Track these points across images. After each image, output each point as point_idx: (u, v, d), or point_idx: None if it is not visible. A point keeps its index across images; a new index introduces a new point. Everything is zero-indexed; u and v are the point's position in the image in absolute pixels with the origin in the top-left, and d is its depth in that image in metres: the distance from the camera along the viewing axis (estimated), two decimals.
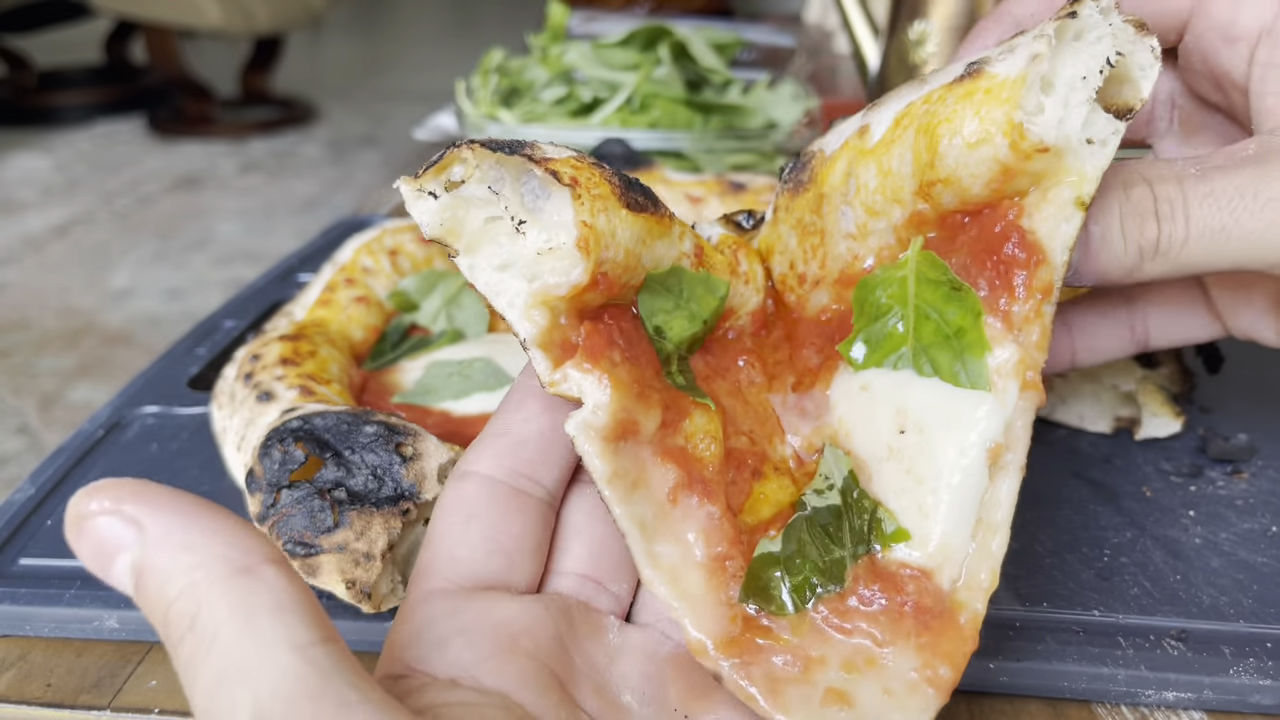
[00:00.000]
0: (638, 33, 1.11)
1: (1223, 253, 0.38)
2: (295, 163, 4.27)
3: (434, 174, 0.36)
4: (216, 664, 0.25)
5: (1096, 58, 0.37)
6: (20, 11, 4.81)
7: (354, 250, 0.72)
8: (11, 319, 2.81)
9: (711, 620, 0.35)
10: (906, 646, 0.34)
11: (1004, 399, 0.36)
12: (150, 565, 0.27)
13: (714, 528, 0.37)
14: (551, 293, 0.35)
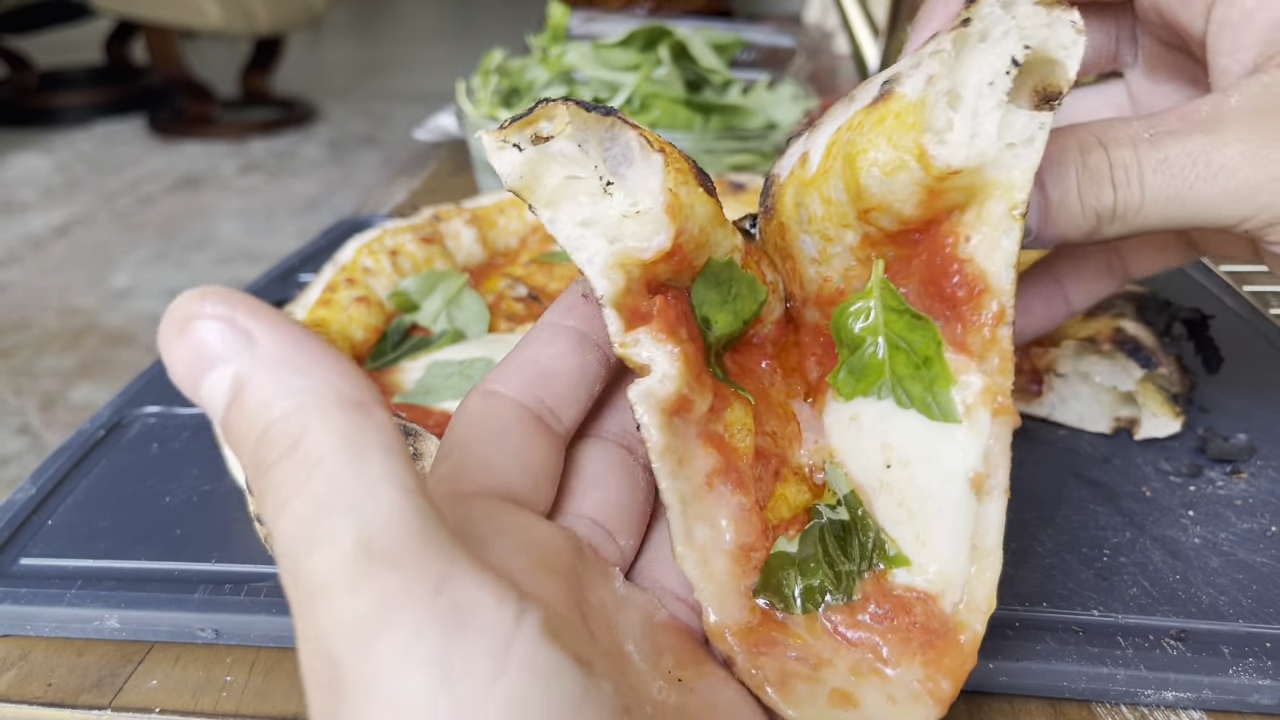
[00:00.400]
0: (638, 33, 1.11)
1: (1178, 217, 0.39)
2: (296, 163, 4.27)
3: (520, 127, 0.36)
4: (320, 490, 0.24)
5: (1001, 58, 0.35)
6: (21, 12, 4.81)
7: (355, 250, 0.72)
8: (12, 319, 2.81)
9: (732, 607, 0.36)
10: (912, 662, 0.35)
11: (977, 428, 0.36)
12: (256, 381, 0.25)
13: (744, 518, 0.38)
14: (632, 255, 0.36)
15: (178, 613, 0.46)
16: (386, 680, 0.23)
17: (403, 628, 0.23)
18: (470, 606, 0.24)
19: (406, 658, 0.23)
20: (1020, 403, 0.63)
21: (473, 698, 0.23)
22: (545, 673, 0.24)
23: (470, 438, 0.35)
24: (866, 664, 0.36)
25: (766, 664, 0.35)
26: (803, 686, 0.35)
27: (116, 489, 0.56)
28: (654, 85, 1.06)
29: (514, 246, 0.85)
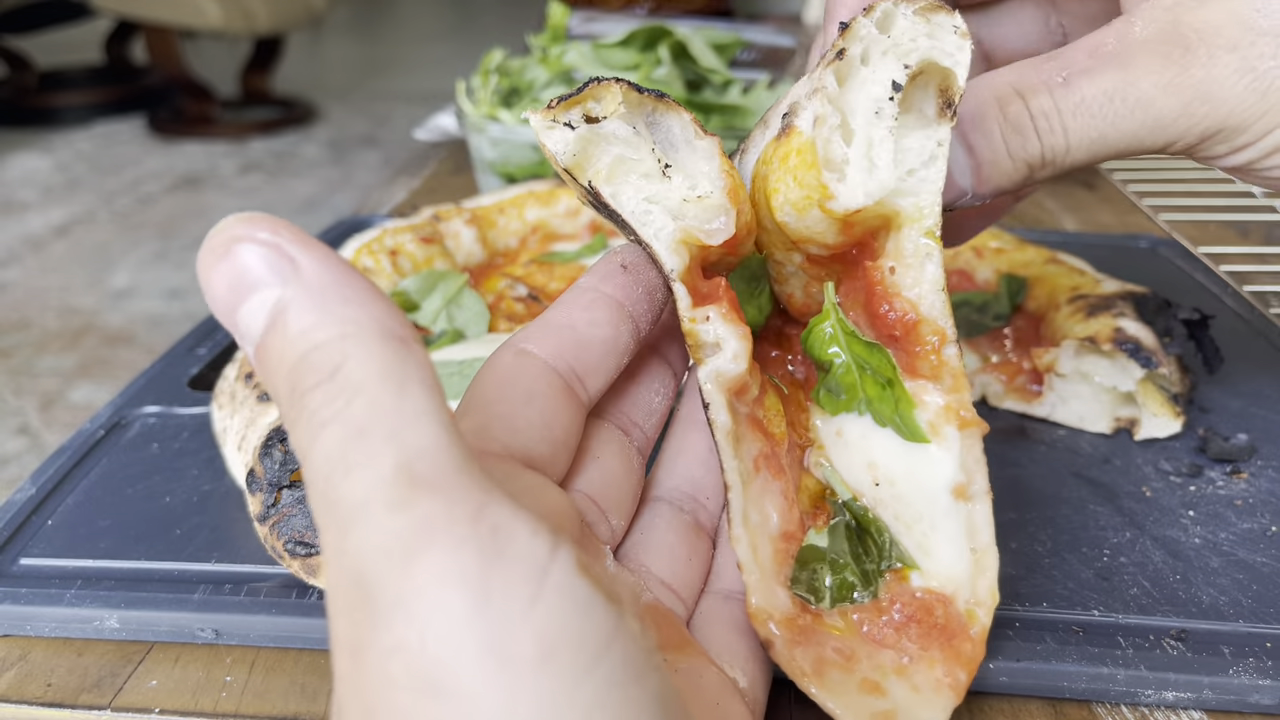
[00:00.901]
0: (638, 33, 1.11)
1: (1105, 152, 0.39)
2: (295, 163, 4.27)
3: (569, 106, 0.36)
4: (359, 417, 0.24)
5: (881, 84, 0.35)
6: (21, 12, 4.81)
7: (354, 250, 0.72)
8: (12, 319, 2.81)
9: (774, 594, 0.37)
10: (933, 657, 0.37)
11: (947, 444, 0.37)
12: (298, 307, 0.25)
13: (785, 505, 0.39)
14: (696, 236, 0.36)
15: (178, 613, 0.46)
16: (423, 599, 0.23)
17: (442, 549, 0.23)
18: (508, 533, 0.24)
19: (445, 577, 0.23)
20: (1020, 403, 0.63)
21: (510, 620, 0.23)
22: (580, 603, 0.24)
23: (497, 396, 0.35)
24: (893, 658, 0.37)
25: (803, 653, 0.36)
26: (836, 674, 0.36)
27: (116, 489, 0.56)
28: (654, 85, 1.06)
29: (514, 246, 0.85)
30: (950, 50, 0.34)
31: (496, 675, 0.22)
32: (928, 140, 0.35)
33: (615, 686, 0.23)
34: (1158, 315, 0.62)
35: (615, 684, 0.23)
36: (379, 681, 0.23)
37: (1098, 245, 0.91)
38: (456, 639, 0.22)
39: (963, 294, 0.74)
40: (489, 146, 1.07)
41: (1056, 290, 0.69)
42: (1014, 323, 0.70)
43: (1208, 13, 0.38)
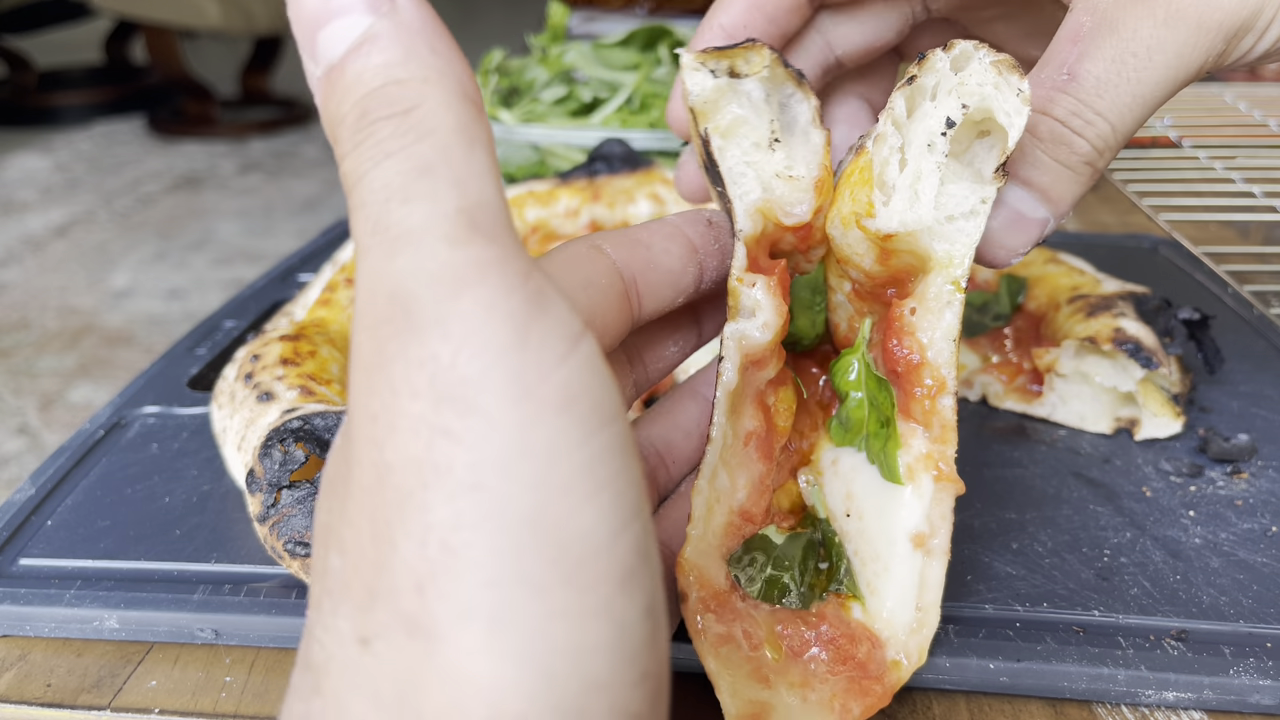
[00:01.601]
0: (638, 33, 1.11)
1: (1149, 108, 0.39)
2: (295, 163, 4.27)
3: (720, 57, 0.38)
4: (428, 154, 0.25)
5: (940, 119, 0.35)
6: (20, 11, 4.81)
7: (354, 250, 0.72)
8: (12, 319, 2.81)
9: (709, 557, 0.38)
10: (838, 682, 0.37)
11: (920, 491, 0.38)
12: (388, 41, 0.26)
13: (758, 487, 0.40)
14: (775, 211, 0.38)
15: (177, 613, 0.46)
16: (465, 322, 0.23)
17: (492, 287, 0.24)
18: (549, 299, 0.25)
19: (491, 310, 0.24)
20: (1020, 403, 0.63)
21: (542, 364, 0.24)
22: (600, 375, 0.25)
23: (560, 271, 0.35)
24: (799, 668, 0.37)
25: (713, 619, 0.37)
26: (734, 653, 0.37)
27: (116, 489, 0.56)
28: (654, 85, 1.06)
29: None
30: (1009, 110, 0.35)
31: (518, 405, 0.23)
32: (973, 194, 0.36)
33: (613, 454, 0.25)
34: (1158, 315, 0.62)
35: (614, 452, 0.25)
36: (398, 389, 0.24)
37: (1098, 245, 0.90)
38: (490, 364, 0.23)
39: None
40: None
41: (1057, 290, 0.69)
42: (1014, 323, 0.70)
43: None
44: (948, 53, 0.35)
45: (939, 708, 0.42)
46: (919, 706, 0.42)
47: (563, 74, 1.11)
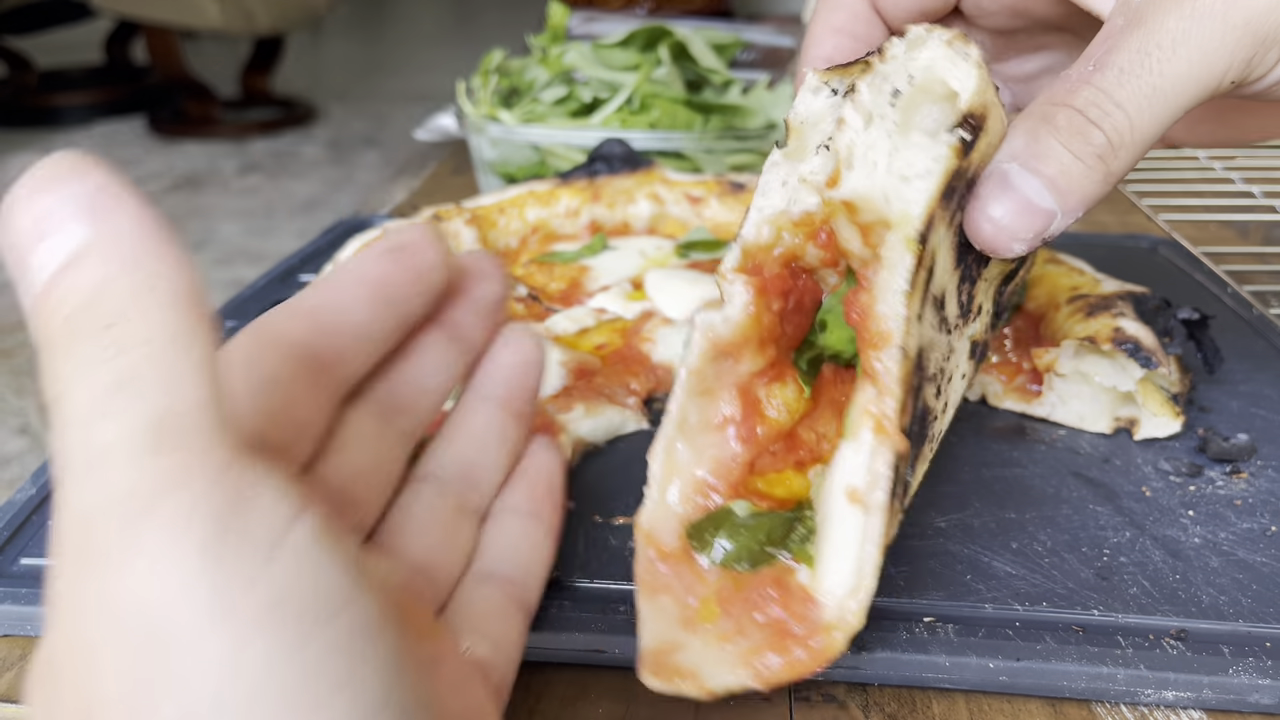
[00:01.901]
0: (638, 33, 1.11)
1: (1167, 109, 0.39)
2: (296, 163, 4.27)
3: (846, 74, 0.40)
4: (128, 367, 0.23)
5: (885, 93, 0.38)
6: (21, 12, 4.81)
7: (355, 251, 0.72)
8: (13, 319, 2.81)
9: (666, 522, 0.40)
10: (762, 637, 0.37)
11: (859, 445, 0.38)
12: (101, 254, 0.25)
13: (727, 465, 0.42)
14: (786, 213, 0.40)
15: None
16: (154, 549, 0.22)
17: (179, 500, 0.22)
18: (251, 493, 0.24)
19: (181, 527, 0.22)
20: (1020, 403, 0.63)
21: (241, 574, 0.22)
22: (316, 564, 0.24)
23: (240, 381, 0.33)
24: (730, 623, 0.38)
25: (655, 570, 0.39)
26: (667, 600, 0.38)
27: None
28: (654, 85, 1.06)
29: (514, 247, 0.85)
30: (960, 75, 0.38)
31: (221, 625, 0.22)
32: (927, 154, 0.38)
33: (341, 652, 0.24)
34: (1157, 315, 0.62)
35: (341, 650, 0.24)
36: (102, 634, 0.22)
37: (1097, 245, 0.91)
38: (185, 591, 0.22)
39: None
40: (489, 147, 1.07)
41: (1056, 290, 0.69)
42: (1013, 323, 0.70)
43: None
44: (904, 38, 0.39)
45: (938, 707, 0.43)
46: (919, 706, 0.43)
47: (563, 74, 1.12)
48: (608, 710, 0.43)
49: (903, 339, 0.38)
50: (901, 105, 0.38)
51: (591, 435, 0.59)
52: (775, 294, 0.41)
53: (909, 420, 0.39)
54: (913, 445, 0.42)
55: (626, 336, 0.70)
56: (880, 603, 0.46)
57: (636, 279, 0.78)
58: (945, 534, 0.50)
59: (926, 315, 0.42)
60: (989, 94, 0.39)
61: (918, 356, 0.41)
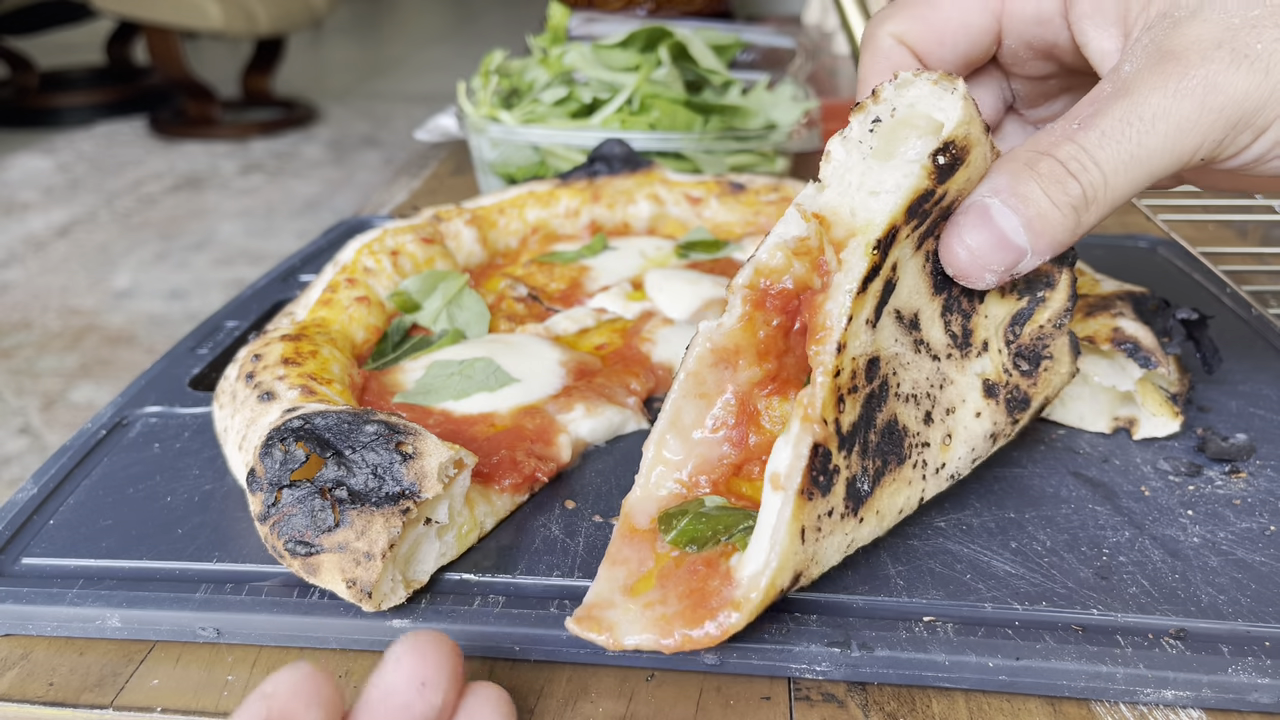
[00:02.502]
0: (638, 34, 1.11)
1: (1140, 175, 0.42)
2: (296, 163, 4.27)
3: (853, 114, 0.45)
4: None
5: (866, 124, 0.43)
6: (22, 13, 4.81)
7: (355, 251, 0.73)
8: (13, 319, 2.81)
9: (644, 504, 0.44)
10: (680, 607, 0.40)
11: (789, 434, 0.41)
12: None
13: (714, 465, 0.45)
14: (787, 243, 0.43)
15: (179, 612, 0.46)
16: None
17: None
18: None
19: None
20: None
21: None
22: None
23: None
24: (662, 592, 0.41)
25: (621, 548, 0.43)
26: (620, 570, 0.43)
27: (118, 489, 0.56)
28: (654, 86, 1.06)
29: (514, 247, 0.86)
30: (944, 107, 0.42)
31: None
32: (898, 173, 0.42)
33: None
34: (1156, 315, 0.62)
35: None
36: None
37: (1097, 245, 0.91)
38: None
39: None
40: (489, 147, 1.07)
41: None
42: None
43: (1184, 29, 0.42)
44: (893, 82, 0.43)
45: (938, 706, 0.43)
46: (918, 704, 0.43)
47: (563, 75, 1.12)
48: (608, 710, 0.43)
49: (841, 335, 0.41)
50: (881, 132, 0.43)
51: (591, 435, 0.59)
52: (774, 310, 0.44)
53: (849, 419, 0.42)
54: (872, 456, 0.44)
55: (626, 336, 0.70)
56: (880, 602, 0.46)
57: (636, 279, 0.78)
58: (945, 534, 0.51)
59: (886, 326, 0.45)
60: (974, 128, 0.42)
61: (869, 363, 0.43)
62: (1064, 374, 0.52)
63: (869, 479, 0.43)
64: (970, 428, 0.48)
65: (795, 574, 0.41)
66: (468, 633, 0.45)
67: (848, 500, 0.42)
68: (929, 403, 0.47)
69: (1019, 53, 0.51)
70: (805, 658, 0.43)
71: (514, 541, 0.51)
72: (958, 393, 0.48)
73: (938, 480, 0.47)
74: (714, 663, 0.43)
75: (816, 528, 0.41)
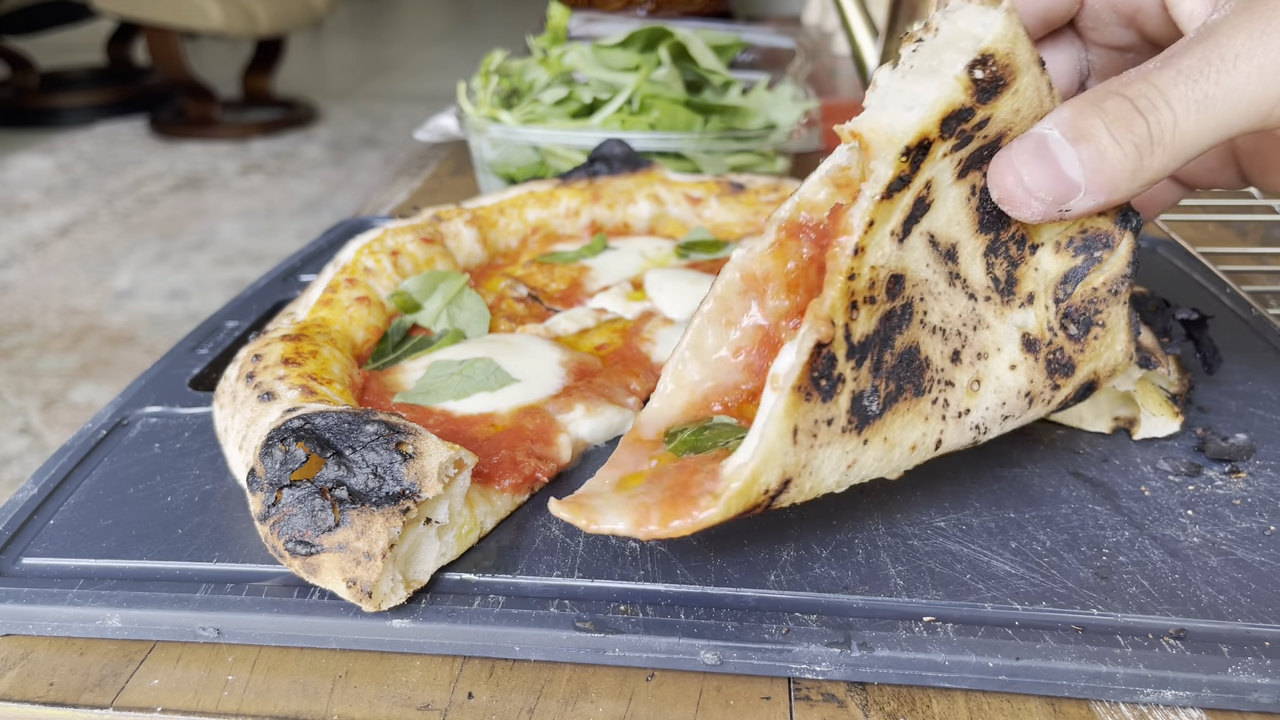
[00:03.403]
0: (638, 34, 1.11)
1: (1214, 122, 0.40)
2: (297, 164, 4.27)
3: None
4: None
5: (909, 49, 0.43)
6: (22, 13, 4.82)
7: (356, 251, 0.73)
8: (14, 319, 2.82)
9: (655, 420, 0.46)
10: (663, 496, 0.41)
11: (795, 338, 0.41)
12: None
13: (730, 390, 0.46)
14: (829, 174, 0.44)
15: (179, 612, 0.46)
16: None
17: None
18: None
19: None
20: None
21: None
22: None
23: None
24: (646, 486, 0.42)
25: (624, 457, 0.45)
26: (616, 472, 0.44)
27: (118, 489, 0.56)
28: (654, 86, 1.06)
29: (514, 247, 0.86)
30: (985, 22, 0.41)
31: None
32: (934, 86, 0.41)
33: None
34: (1156, 315, 0.62)
35: None
36: None
37: None
38: None
39: None
40: (489, 147, 1.07)
41: None
42: None
43: None
44: (942, 9, 0.43)
45: (938, 706, 0.43)
46: (918, 704, 0.43)
47: (563, 75, 1.12)
48: (608, 710, 0.43)
49: (861, 238, 0.41)
50: (923, 52, 0.42)
51: (591, 435, 0.59)
52: (808, 242, 0.44)
53: (863, 329, 0.41)
54: (885, 377, 0.42)
55: (626, 336, 0.70)
56: (880, 602, 0.46)
57: (636, 279, 0.78)
58: (945, 534, 0.51)
59: (917, 247, 0.44)
60: (1019, 49, 0.41)
61: (893, 279, 0.42)
62: (1118, 351, 0.49)
63: (879, 400, 0.42)
64: (1003, 379, 0.46)
65: (784, 478, 0.40)
66: (468, 633, 0.45)
67: (851, 415, 0.41)
68: (959, 340, 0.45)
69: (1101, 15, 0.49)
70: (805, 658, 0.43)
71: (514, 541, 0.51)
72: (993, 339, 0.46)
73: (959, 427, 0.46)
74: (714, 663, 0.43)
75: (812, 432, 0.40)
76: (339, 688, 0.44)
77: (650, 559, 0.49)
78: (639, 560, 0.49)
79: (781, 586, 0.46)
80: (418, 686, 0.44)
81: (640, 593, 0.46)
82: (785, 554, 0.49)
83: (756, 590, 0.46)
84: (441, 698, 0.43)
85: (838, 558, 0.49)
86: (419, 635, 0.45)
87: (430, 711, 0.43)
